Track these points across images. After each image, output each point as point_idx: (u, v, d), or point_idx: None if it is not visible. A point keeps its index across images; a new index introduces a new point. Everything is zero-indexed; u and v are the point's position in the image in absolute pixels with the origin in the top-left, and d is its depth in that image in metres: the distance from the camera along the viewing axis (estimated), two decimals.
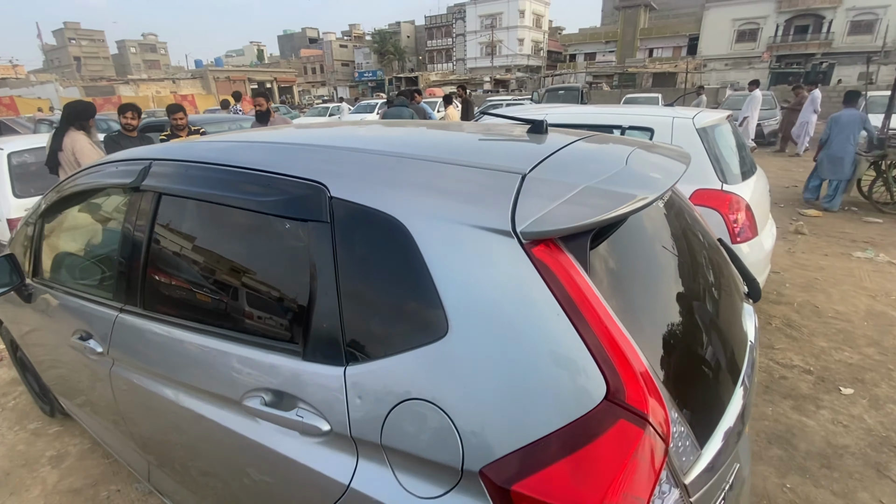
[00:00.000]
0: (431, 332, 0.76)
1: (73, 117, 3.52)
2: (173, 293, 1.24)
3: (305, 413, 0.87)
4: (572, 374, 0.67)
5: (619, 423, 0.64)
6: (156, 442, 1.35)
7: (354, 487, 0.80)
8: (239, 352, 1.00)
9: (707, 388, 0.90)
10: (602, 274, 0.78)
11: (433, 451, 0.73)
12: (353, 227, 0.87)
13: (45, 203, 1.78)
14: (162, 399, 1.19)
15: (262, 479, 0.98)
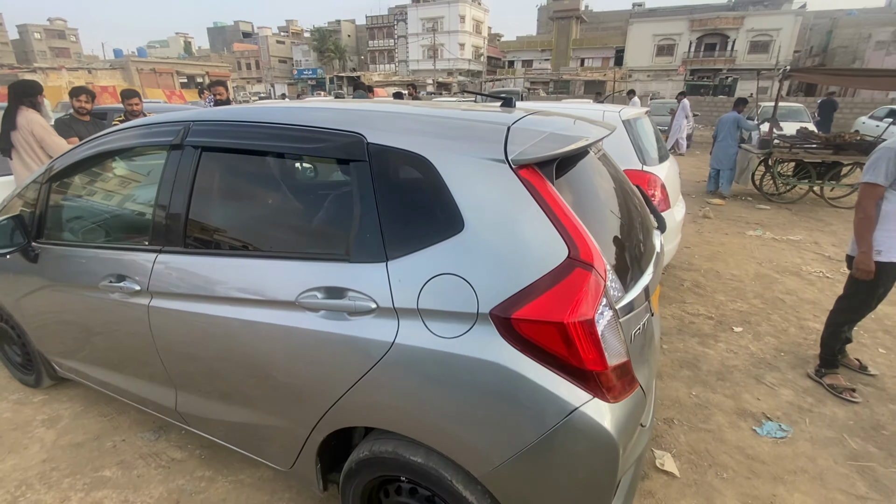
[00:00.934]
0: (451, 229, 1.11)
1: (21, 94, 3.43)
2: (224, 229, 1.49)
3: (356, 297, 1.18)
4: (546, 244, 1.05)
5: (576, 270, 1.02)
6: (191, 364, 1.57)
7: (398, 342, 1.14)
8: (293, 266, 1.29)
9: (630, 260, 1.34)
10: (564, 190, 1.18)
11: (456, 305, 1.08)
12: (386, 163, 1.21)
13: (55, 168, 1.91)
14: (207, 317, 1.43)
15: (313, 362, 1.27)
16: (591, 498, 1.11)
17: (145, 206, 1.65)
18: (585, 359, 1.01)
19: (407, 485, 1.33)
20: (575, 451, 1.04)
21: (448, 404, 1.10)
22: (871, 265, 2.25)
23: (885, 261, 2.27)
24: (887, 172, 2.20)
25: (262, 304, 1.33)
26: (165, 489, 1.86)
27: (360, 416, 1.26)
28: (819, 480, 1.91)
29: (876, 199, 2.25)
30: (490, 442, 1.08)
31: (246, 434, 1.59)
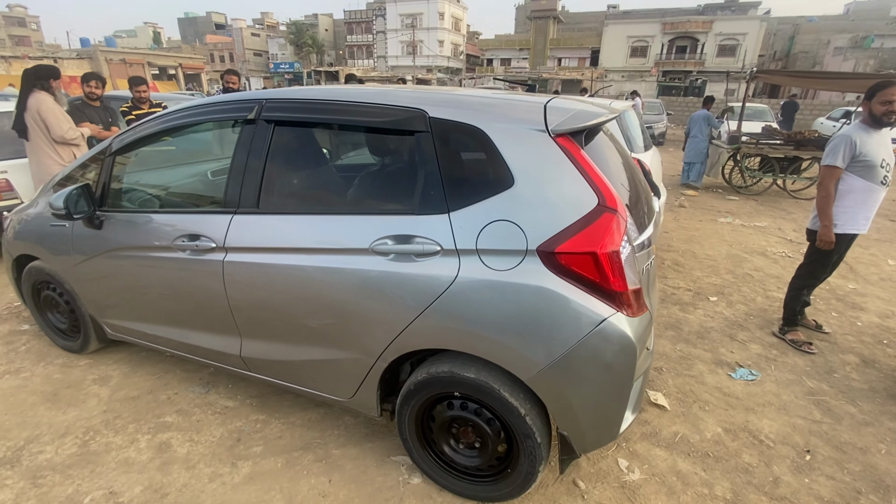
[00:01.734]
0: (504, 185, 1.40)
1: (34, 78, 3.53)
2: (299, 192, 1.73)
3: (423, 242, 1.46)
4: (580, 194, 1.35)
5: (604, 214, 1.33)
6: (262, 311, 1.80)
7: (460, 276, 1.42)
8: (366, 219, 1.55)
9: (639, 213, 1.65)
10: (592, 154, 1.48)
11: (508, 244, 1.37)
12: (446, 133, 1.48)
13: (120, 143, 2.09)
14: (282, 267, 1.67)
15: (384, 297, 1.53)
16: (614, 391, 1.42)
17: (217, 173, 1.87)
18: (612, 281, 1.32)
19: (458, 400, 1.62)
20: (603, 351, 1.34)
21: (502, 323, 1.39)
22: (831, 236, 2.63)
23: (840, 232, 2.66)
24: (844, 156, 2.57)
25: (337, 252, 1.59)
26: (225, 430, 2.08)
27: (423, 341, 1.53)
28: (783, 410, 2.30)
29: (835, 179, 2.62)
30: (537, 350, 1.37)
31: (310, 371, 1.83)
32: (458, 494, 1.73)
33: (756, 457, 1.99)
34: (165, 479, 1.82)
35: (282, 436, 2.05)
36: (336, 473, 1.85)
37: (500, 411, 1.52)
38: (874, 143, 2.56)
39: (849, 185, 2.61)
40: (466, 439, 1.67)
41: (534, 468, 1.54)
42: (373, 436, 2.05)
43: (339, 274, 1.58)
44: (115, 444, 2.00)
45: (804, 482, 1.87)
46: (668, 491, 1.80)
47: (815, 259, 2.81)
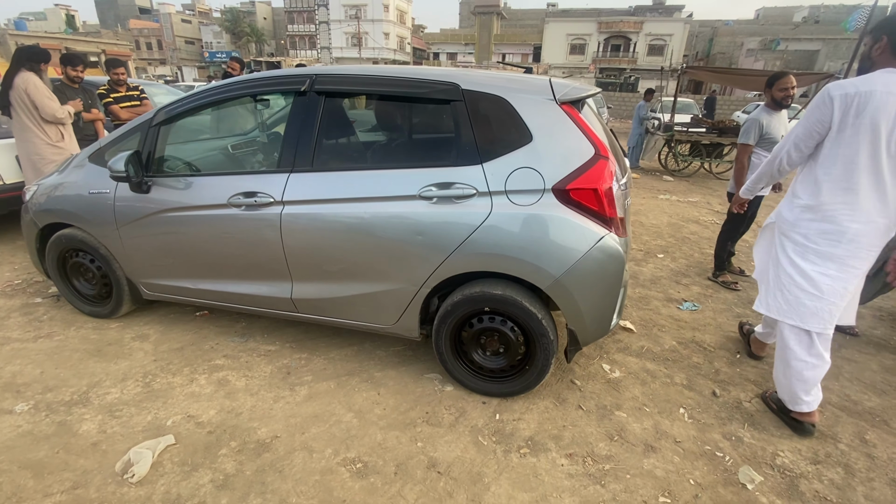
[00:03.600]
0: (525, 141, 1.85)
1: (24, 59, 3.53)
2: (350, 152, 2.07)
3: (462, 187, 1.87)
4: (582, 147, 1.82)
5: (600, 160, 1.81)
6: (316, 255, 2.12)
7: (493, 212, 1.85)
8: (413, 172, 1.94)
9: (620, 163, 2.16)
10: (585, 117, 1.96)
11: (530, 185, 1.82)
12: (477, 102, 1.90)
13: (167, 114, 2.31)
14: (337, 214, 2.01)
15: (430, 233, 1.92)
16: (608, 293, 1.91)
17: (271, 138, 2.17)
18: (607, 210, 1.81)
19: (486, 315, 2.05)
20: (601, 260, 1.83)
21: (526, 245, 1.84)
22: (743, 200, 3.30)
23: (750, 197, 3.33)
24: (754, 135, 3.25)
25: (389, 200, 1.97)
26: (274, 367, 2.39)
27: (462, 266, 1.95)
28: (719, 329, 2.95)
29: (747, 154, 3.30)
30: (553, 263, 1.84)
31: (357, 305, 2.19)
32: (485, 394, 2.18)
33: (702, 358, 2.60)
34: (234, 404, 2.11)
35: (326, 368, 2.39)
36: (382, 388, 2.23)
37: (521, 319, 1.97)
38: (776, 122, 3.22)
39: (759, 157, 3.28)
40: (492, 347, 2.12)
41: (548, 361, 2.02)
42: (405, 362, 2.45)
43: (391, 216, 1.96)
44: (177, 382, 2.25)
45: (736, 371, 2.49)
46: (641, 382, 2.35)
47: (734, 217, 3.49)
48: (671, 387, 2.33)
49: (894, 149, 1.70)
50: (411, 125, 2.16)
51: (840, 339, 2.84)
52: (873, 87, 1.68)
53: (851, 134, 1.72)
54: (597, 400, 2.20)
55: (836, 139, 1.77)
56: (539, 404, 2.15)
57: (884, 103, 1.66)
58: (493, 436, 1.96)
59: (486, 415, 2.08)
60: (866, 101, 1.68)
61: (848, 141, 1.74)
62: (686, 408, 2.18)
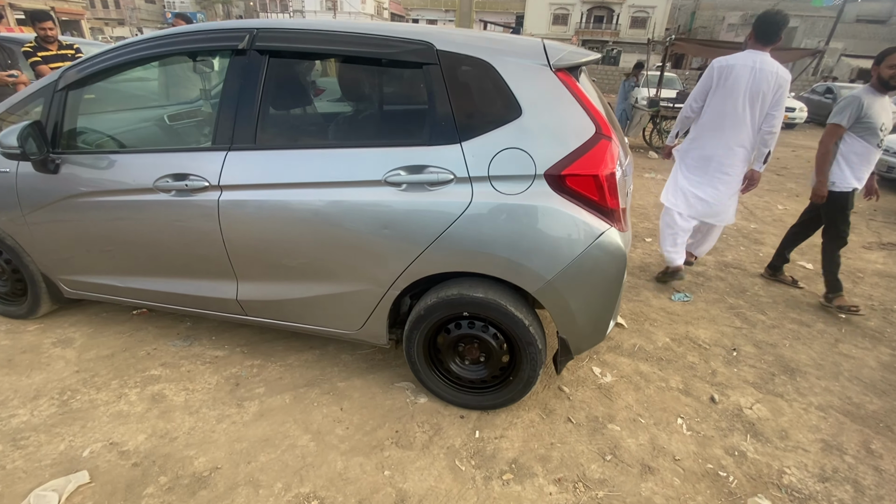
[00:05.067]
0: (512, 115, 1.52)
1: None
2: (302, 126, 1.70)
3: (436, 171, 1.55)
4: (580, 124, 1.51)
5: (602, 141, 1.51)
6: (263, 250, 1.79)
7: (474, 201, 1.54)
8: (378, 152, 1.60)
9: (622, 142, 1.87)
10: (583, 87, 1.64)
11: (518, 170, 1.51)
12: (455, 66, 1.56)
13: (76, 75, 1.88)
14: (288, 203, 1.67)
15: (399, 227, 1.60)
16: (606, 297, 1.65)
17: (204, 108, 1.78)
18: (608, 200, 1.52)
19: (465, 320, 1.77)
20: (600, 260, 1.56)
21: (513, 242, 1.55)
22: (824, 191, 2.76)
23: (837, 191, 2.75)
24: (850, 117, 2.64)
25: (348, 185, 1.63)
26: (220, 377, 2.07)
27: (437, 266, 1.65)
28: (713, 322, 2.76)
29: (836, 137, 2.69)
30: (544, 263, 1.55)
31: (315, 308, 1.87)
32: (464, 406, 1.92)
33: (697, 357, 2.40)
34: (169, 426, 1.80)
35: (282, 377, 2.09)
36: (346, 402, 1.95)
37: (505, 325, 1.70)
38: (878, 106, 2.65)
39: (849, 146, 2.70)
40: (472, 356, 1.84)
41: (535, 372, 1.76)
42: (373, 369, 2.16)
43: (351, 206, 1.63)
44: (102, 399, 1.91)
45: (734, 371, 2.30)
46: (634, 387, 2.13)
47: (834, 219, 2.85)
48: (667, 392, 2.12)
49: (749, 102, 2.64)
50: (376, 94, 1.80)
51: (836, 334, 2.69)
52: (736, 62, 2.64)
53: (720, 93, 2.70)
54: (587, 410, 1.97)
55: (712, 95, 2.74)
56: (524, 417, 1.91)
57: (741, 73, 2.62)
58: (471, 458, 1.71)
59: (465, 432, 1.82)
60: (730, 71, 2.64)
61: (718, 97, 2.71)
62: (684, 417, 1.97)
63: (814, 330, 2.73)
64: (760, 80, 2.58)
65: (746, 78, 2.59)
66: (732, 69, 2.61)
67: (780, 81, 2.58)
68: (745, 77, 2.59)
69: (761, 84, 2.58)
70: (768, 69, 2.58)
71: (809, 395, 2.15)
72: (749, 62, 2.59)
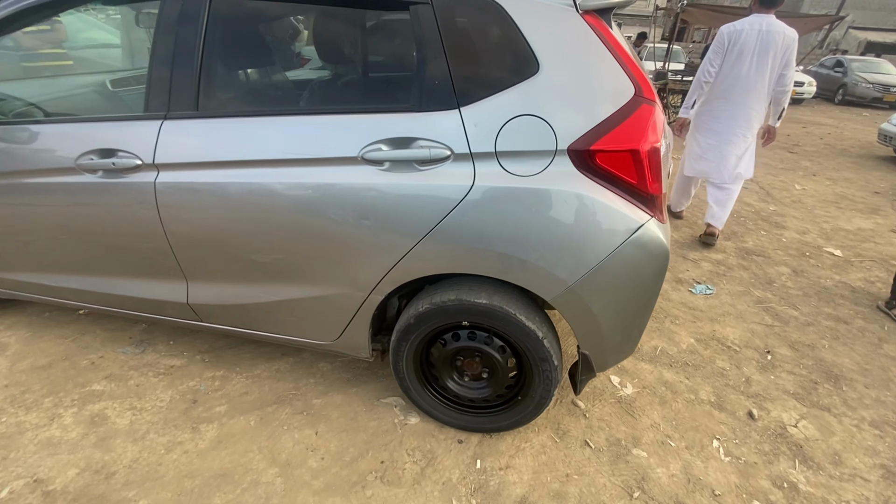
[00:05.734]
0: (527, 71, 1.16)
1: None
2: (257, 88, 1.34)
3: (429, 146, 1.20)
4: (616, 83, 1.16)
5: (643, 105, 1.16)
6: (216, 244, 1.45)
7: (477, 185, 1.20)
8: (353, 120, 1.24)
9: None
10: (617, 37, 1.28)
11: (534, 144, 1.17)
12: (453, 8, 1.19)
13: None
14: (242, 185, 1.32)
15: (381, 217, 1.27)
16: (643, 303, 1.33)
17: (132, 67, 1.41)
18: (649, 183, 1.18)
19: (465, 330, 1.45)
20: (637, 260, 1.23)
21: (526, 237, 1.21)
22: None
23: None
24: None
25: (316, 163, 1.28)
26: (176, 392, 1.76)
27: (429, 266, 1.31)
28: (740, 318, 2.46)
29: None
30: (566, 264, 1.22)
31: (283, 314, 1.55)
32: (463, 429, 1.62)
33: (727, 361, 2.11)
34: (108, 457, 1.49)
35: (248, 391, 1.78)
36: (322, 424, 1.64)
37: (514, 337, 1.38)
38: None
39: None
40: (472, 371, 1.53)
41: (549, 392, 1.45)
42: (355, 381, 1.85)
43: (320, 191, 1.28)
44: (30, 423, 1.60)
45: (770, 379, 2.01)
46: (660, 401, 1.84)
47: None
48: (697, 406, 1.83)
49: (758, 64, 2.78)
50: (351, 46, 1.42)
51: (879, 333, 2.40)
52: (744, 26, 2.77)
53: (731, 58, 2.83)
54: (608, 431, 1.68)
55: (725, 60, 2.87)
56: (533, 441, 1.62)
57: (749, 36, 2.74)
58: (472, 496, 1.42)
59: (464, 461, 1.53)
60: (738, 35, 2.77)
61: (729, 61, 2.85)
62: (720, 438, 1.68)
63: (853, 328, 2.43)
64: (769, 42, 2.74)
65: (755, 41, 2.76)
66: (741, 34, 2.78)
67: (787, 41, 2.74)
68: (753, 40, 2.76)
69: (769, 45, 2.75)
70: (775, 30, 2.74)
71: (860, 409, 1.87)
72: (756, 26, 2.76)
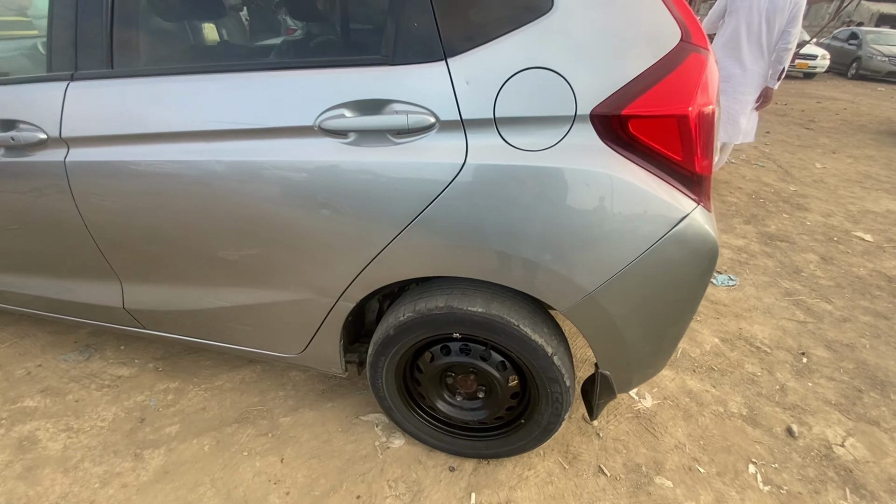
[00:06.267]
0: (535, 10, 0.87)
1: None
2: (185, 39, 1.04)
3: (406, 110, 0.91)
4: (656, 25, 0.87)
5: (692, 55, 0.87)
6: (147, 238, 1.18)
7: (470, 163, 0.91)
8: (306, 78, 0.95)
9: None
10: None
11: (546, 108, 0.88)
12: None
13: None
14: (164, 164, 1.04)
15: (346, 205, 0.99)
16: (681, 312, 1.07)
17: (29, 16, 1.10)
18: (699, 159, 0.90)
19: (457, 343, 1.19)
20: (679, 259, 0.95)
21: (535, 231, 0.93)
22: None
23: None
24: None
25: (261, 136, 0.99)
26: (121, 409, 1.50)
27: (409, 267, 1.04)
28: (768, 314, 2.19)
29: None
30: (585, 266, 0.95)
31: (235, 322, 1.28)
32: (455, 454, 1.38)
33: (758, 365, 1.85)
34: (33, 491, 1.25)
35: (206, 407, 1.52)
36: (289, 448, 1.39)
37: (517, 353, 1.12)
38: None
39: None
40: (466, 389, 1.28)
41: (558, 417, 1.20)
42: (332, 393, 1.60)
43: (266, 172, 1.00)
44: None
45: (808, 386, 1.76)
46: (684, 415, 1.59)
47: None
48: (727, 421, 1.58)
49: (766, 22, 2.83)
50: None
51: None
52: None
53: (736, 15, 2.91)
54: (625, 454, 1.43)
55: (728, 15, 2.97)
56: (538, 468, 1.37)
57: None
58: None
59: (456, 494, 1.29)
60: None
61: (734, 19, 2.92)
62: (757, 462, 1.44)
63: (894, 323, 2.17)
64: (776, 1, 2.78)
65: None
66: None
67: None
68: None
69: (777, 1, 2.79)
70: None
71: None
72: None
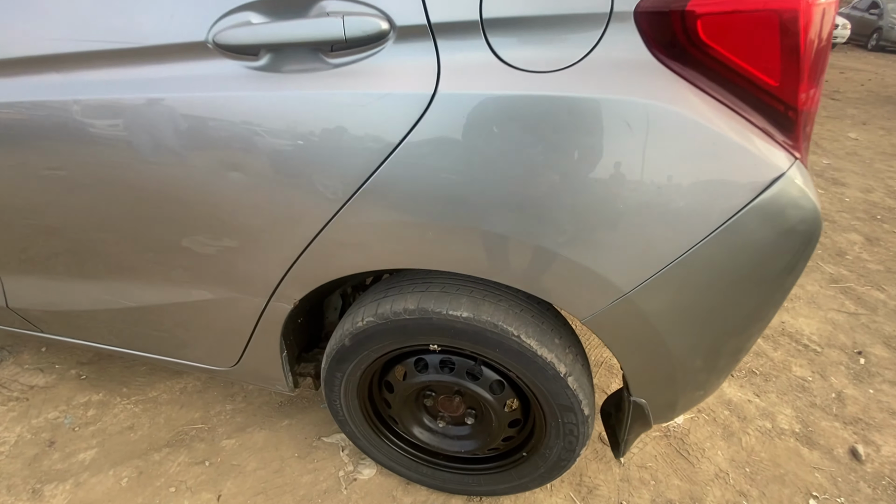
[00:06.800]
0: None
1: None
2: None
3: (346, 9, 0.58)
4: None
5: None
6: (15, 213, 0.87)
7: (442, 93, 0.58)
8: None
9: None
10: None
11: (561, 2, 0.55)
12: None
13: None
14: (9, 109, 0.73)
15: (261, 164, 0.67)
16: (757, 313, 0.72)
17: None
18: (804, 83, 0.56)
19: (435, 357, 0.88)
20: (766, 240, 0.62)
21: (546, 203, 0.61)
22: None
23: None
24: None
25: (133, 60, 0.66)
26: (28, 428, 1.22)
27: (362, 258, 0.72)
28: (814, 304, 1.88)
29: None
30: (622, 254, 0.63)
31: (142, 325, 0.98)
32: (439, 490, 1.09)
33: (807, 367, 1.54)
34: None
35: (133, 425, 1.24)
36: (230, 481, 1.10)
37: (516, 371, 0.81)
38: None
39: None
40: (450, 412, 0.98)
41: (571, 453, 0.90)
42: (291, 406, 1.31)
43: (145, 115, 0.67)
44: None
45: (870, 394, 1.46)
46: (724, 433, 1.29)
47: None
48: (777, 441, 1.28)
49: None
50: None
51: None
52: None
53: None
54: (653, 487, 1.14)
55: None
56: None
57: None
58: None
59: None
60: None
61: None
62: (819, 497, 1.14)
63: None
64: None
65: None
66: None
67: None
68: None
69: None
70: None
71: None
72: None
